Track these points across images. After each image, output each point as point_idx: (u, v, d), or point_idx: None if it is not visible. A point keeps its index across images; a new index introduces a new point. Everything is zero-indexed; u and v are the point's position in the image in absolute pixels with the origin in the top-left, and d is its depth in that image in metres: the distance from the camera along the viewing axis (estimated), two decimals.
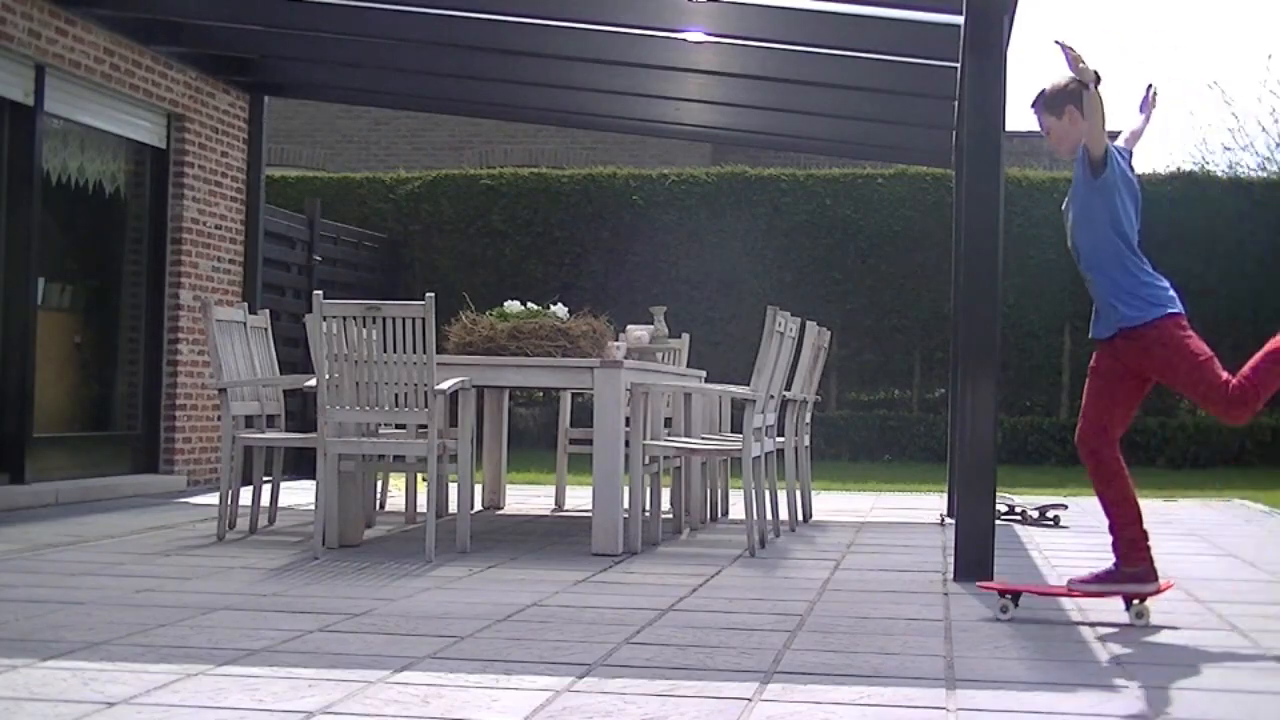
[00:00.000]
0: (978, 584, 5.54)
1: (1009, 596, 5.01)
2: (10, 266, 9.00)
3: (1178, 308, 5.11)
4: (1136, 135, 5.41)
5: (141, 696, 3.52)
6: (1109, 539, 5.04)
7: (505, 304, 7.39)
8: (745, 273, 15.06)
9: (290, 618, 4.74)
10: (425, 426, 6.55)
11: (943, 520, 8.68)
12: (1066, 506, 9.04)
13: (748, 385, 6.93)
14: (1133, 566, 4.97)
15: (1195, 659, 4.34)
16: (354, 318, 6.45)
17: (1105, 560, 5.06)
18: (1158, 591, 4.98)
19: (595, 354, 7.09)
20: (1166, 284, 5.15)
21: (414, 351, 6.38)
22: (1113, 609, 5.24)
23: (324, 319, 6.42)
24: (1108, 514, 5.04)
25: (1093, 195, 5.14)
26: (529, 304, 7.41)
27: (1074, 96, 5.10)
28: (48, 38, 8.98)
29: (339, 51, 10.38)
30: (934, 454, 14.09)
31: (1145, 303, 5.07)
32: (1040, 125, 5.27)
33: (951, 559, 6.16)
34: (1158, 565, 5.01)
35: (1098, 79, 4.91)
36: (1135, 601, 4.96)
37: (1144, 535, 5.00)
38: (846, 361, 15.22)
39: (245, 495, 7.49)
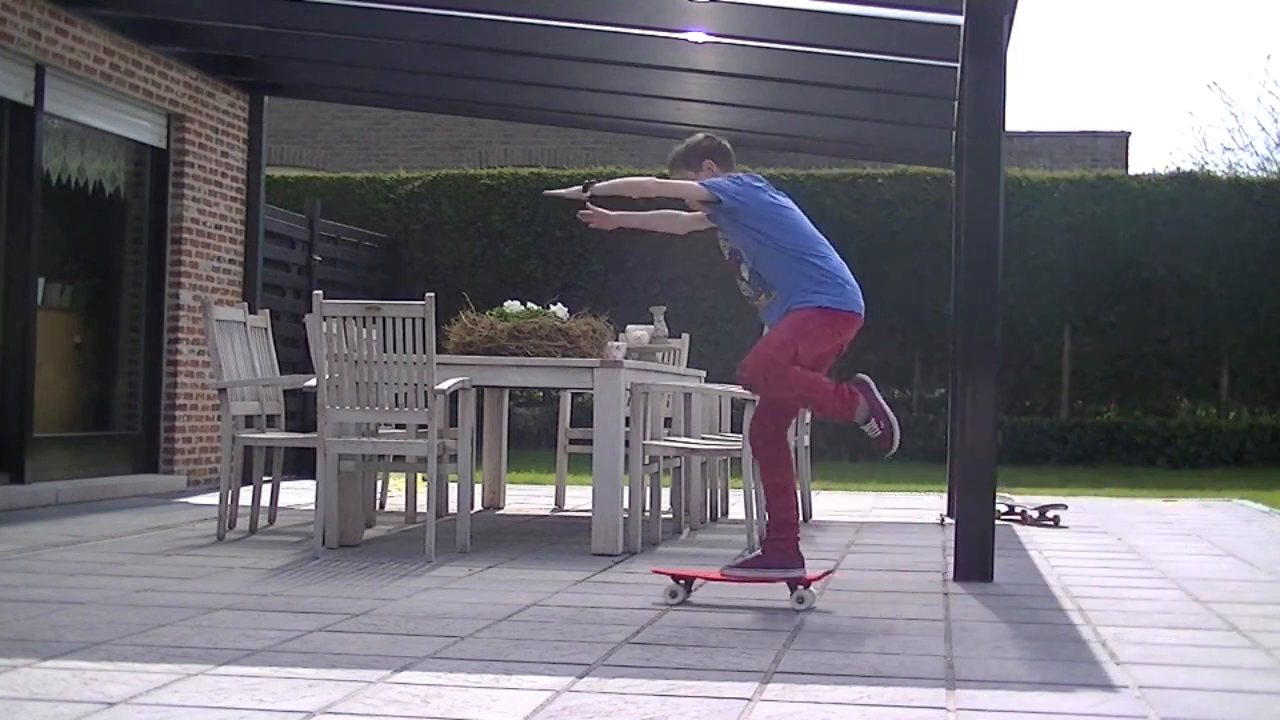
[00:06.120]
0: (653, 569, 5.75)
1: (682, 582, 5.24)
2: (10, 266, 9.00)
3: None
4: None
5: (141, 696, 3.52)
6: (1110, 539, 5.05)
7: (505, 304, 7.38)
8: None
9: (290, 618, 4.74)
10: (425, 426, 6.55)
11: (943, 520, 8.67)
12: (1066, 506, 9.04)
13: None
14: (779, 553, 5.31)
15: (1195, 659, 4.34)
16: (354, 318, 6.45)
17: (1104, 559, 5.06)
18: (817, 578, 5.30)
19: (595, 354, 7.09)
20: None
21: (414, 351, 6.38)
22: (1113, 609, 5.25)
23: (324, 319, 6.42)
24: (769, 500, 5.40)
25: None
26: (529, 304, 7.41)
27: (710, 152, 5.69)
28: (48, 38, 8.98)
29: (339, 51, 10.38)
30: (934, 454, 14.08)
31: None
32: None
33: (951, 559, 6.16)
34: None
35: (586, 186, 5.62)
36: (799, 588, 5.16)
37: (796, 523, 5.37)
38: (846, 362, 15.18)
39: (245, 495, 7.48)
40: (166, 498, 9.64)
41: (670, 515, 8.02)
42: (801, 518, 8.38)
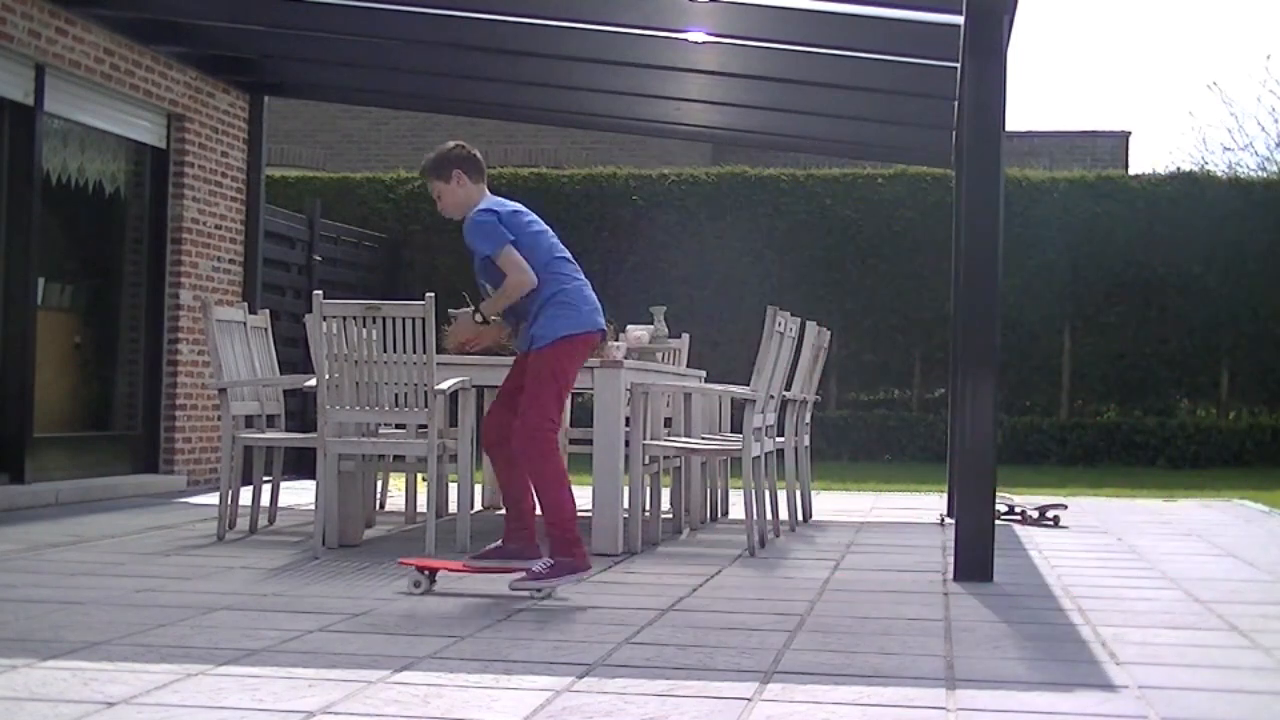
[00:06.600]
0: (399, 560, 5.84)
1: (426, 573, 5.37)
2: (10, 266, 9.00)
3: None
4: None
5: (141, 696, 3.52)
6: (1110, 539, 5.05)
7: None
8: (745, 273, 15.06)
9: (290, 618, 4.74)
10: (425, 426, 6.55)
11: (943, 520, 8.68)
12: (1066, 506, 9.04)
13: (748, 385, 6.93)
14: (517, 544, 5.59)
15: (1195, 659, 4.34)
16: (354, 318, 6.45)
17: (1104, 559, 5.06)
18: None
19: (595, 354, 7.08)
20: None
21: (414, 351, 6.38)
22: (1113, 609, 5.25)
23: (324, 319, 6.42)
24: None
25: None
26: None
27: (460, 162, 5.59)
28: (48, 38, 8.98)
29: (339, 51, 10.38)
30: (934, 454, 14.09)
31: None
32: (430, 190, 5.73)
33: (951, 559, 6.16)
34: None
35: (476, 310, 5.65)
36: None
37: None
38: (846, 361, 15.22)
39: (245, 495, 7.49)
40: (166, 498, 9.64)
41: (670, 515, 8.02)
42: (801, 517, 8.42)
